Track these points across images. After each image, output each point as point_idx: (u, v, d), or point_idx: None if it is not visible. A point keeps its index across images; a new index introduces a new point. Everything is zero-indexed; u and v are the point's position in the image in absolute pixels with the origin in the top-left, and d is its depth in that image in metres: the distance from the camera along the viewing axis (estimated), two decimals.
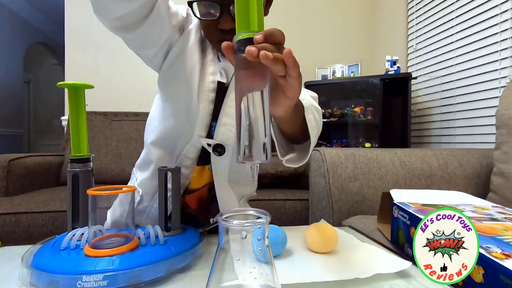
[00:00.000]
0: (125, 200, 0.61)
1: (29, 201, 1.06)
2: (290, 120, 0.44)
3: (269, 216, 0.27)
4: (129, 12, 0.44)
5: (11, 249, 0.53)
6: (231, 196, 0.62)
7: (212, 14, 0.49)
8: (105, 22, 0.46)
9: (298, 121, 0.46)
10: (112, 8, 0.42)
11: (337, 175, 1.05)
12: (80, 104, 0.49)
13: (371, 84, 1.75)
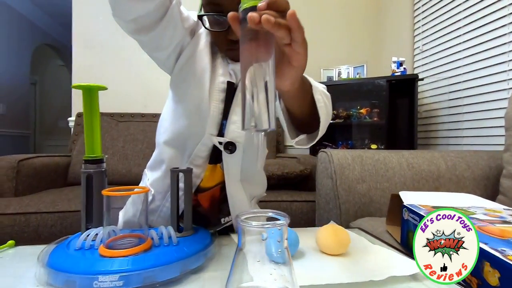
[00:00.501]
0: (138, 200, 0.62)
1: (38, 201, 1.07)
2: (297, 96, 0.43)
3: (288, 218, 0.27)
4: (144, 13, 0.45)
5: (25, 249, 0.53)
6: (242, 196, 0.63)
7: (221, 26, 0.52)
8: (122, 24, 0.48)
9: (306, 100, 0.46)
10: (129, 9, 0.44)
11: (344, 176, 1.05)
12: (94, 106, 0.50)
13: (377, 85, 1.74)
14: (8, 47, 3.49)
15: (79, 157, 1.59)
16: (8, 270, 0.46)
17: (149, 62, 0.65)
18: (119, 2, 0.44)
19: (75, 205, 1.07)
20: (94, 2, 2.07)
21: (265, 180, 0.74)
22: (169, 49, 0.54)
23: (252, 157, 0.63)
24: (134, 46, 2.00)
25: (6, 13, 3.44)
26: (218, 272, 0.45)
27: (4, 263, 0.48)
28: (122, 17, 0.46)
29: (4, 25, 3.42)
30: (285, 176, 1.32)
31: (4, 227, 0.99)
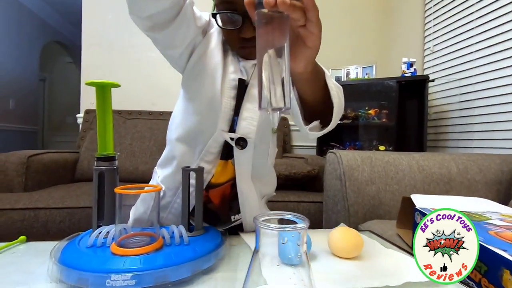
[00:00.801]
0: (148, 198, 0.62)
1: (47, 197, 1.08)
2: (311, 80, 0.44)
3: (308, 221, 0.27)
4: (160, 11, 0.46)
5: (36, 244, 0.53)
6: (253, 193, 0.63)
7: (234, 24, 0.53)
8: (138, 22, 0.49)
9: (319, 86, 0.47)
10: (145, 6, 0.45)
11: (353, 178, 1.04)
12: (107, 103, 0.50)
13: (386, 86, 1.72)
14: (18, 44, 3.54)
15: (87, 153, 1.61)
16: (20, 266, 0.46)
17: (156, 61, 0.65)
18: (136, 0, 0.45)
19: (83, 201, 1.08)
20: (104, 0, 2.08)
21: (275, 178, 0.74)
22: (182, 47, 0.55)
23: (263, 154, 0.64)
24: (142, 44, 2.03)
25: (17, 10, 3.48)
26: (229, 273, 0.44)
27: (16, 259, 0.48)
28: (138, 15, 0.47)
29: (15, 22, 3.46)
30: (293, 176, 1.31)
31: (14, 222, 1.00)
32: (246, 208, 0.63)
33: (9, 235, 0.99)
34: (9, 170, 1.17)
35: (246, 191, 0.62)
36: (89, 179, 1.55)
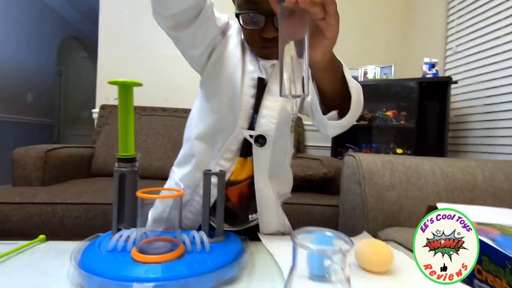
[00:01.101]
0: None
1: (64, 192, 1.09)
2: (328, 69, 0.46)
3: (352, 243, 0.24)
4: (183, 9, 0.48)
5: (56, 244, 0.53)
6: (270, 192, 0.63)
7: (256, 24, 0.55)
8: (161, 21, 0.50)
9: (337, 77, 0.48)
10: (170, 4, 0.46)
11: (373, 183, 1.00)
12: (129, 102, 0.49)
13: (406, 87, 1.66)
14: (37, 39, 3.61)
15: (103, 149, 1.62)
16: (40, 267, 0.45)
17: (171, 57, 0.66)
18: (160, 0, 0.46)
19: (99, 197, 1.08)
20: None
21: (291, 178, 0.74)
22: (202, 47, 0.56)
23: (281, 152, 0.64)
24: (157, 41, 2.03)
25: (37, 6, 3.55)
26: (252, 283, 0.42)
27: (36, 259, 0.47)
28: (162, 13, 0.48)
29: (34, 17, 3.53)
30: (308, 178, 1.28)
31: (32, 216, 1.01)
32: (263, 208, 0.63)
33: (27, 229, 1.01)
34: (27, 164, 1.18)
35: (264, 189, 0.62)
36: (104, 174, 1.56)
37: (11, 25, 3.15)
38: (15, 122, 3.33)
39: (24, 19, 3.33)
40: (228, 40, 0.60)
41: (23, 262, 0.46)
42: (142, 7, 2.08)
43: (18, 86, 3.32)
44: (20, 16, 3.26)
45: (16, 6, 3.19)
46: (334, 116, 0.51)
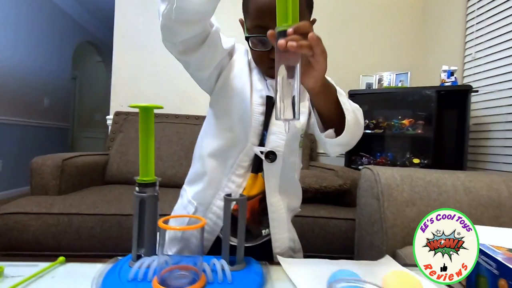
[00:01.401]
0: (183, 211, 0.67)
1: (79, 202, 1.10)
2: (322, 93, 0.51)
3: None
4: (192, 36, 0.52)
5: (75, 267, 0.52)
6: (281, 206, 0.65)
7: (265, 46, 0.59)
8: (171, 47, 0.54)
9: (330, 99, 0.53)
10: (179, 32, 0.50)
11: (392, 198, 0.97)
12: (150, 126, 0.48)
13: (424, 95, 1.62)
14: (54, 44, 3.70)
15: (117, 156, 1.64)
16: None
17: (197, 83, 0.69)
18: (170, 27, 0.49)
19: (114, 208, 1.09)
20: (135, 3, 2.12)
21: (300, 192, 0.75)
22: (210, 68, 0.60)
23: (291, 167, 0.66)
24: None
25: (54, 12, 3.64)
26: None
27: (57, 284, 0.47)
28: (171, 40, 0.52)
29: (51, 23, 3.62)
30: (323, 190, 1.26)
31: (49, 226, 1.02)
32: (275, 223, 0.64)
33: (44, 239, 1.02)
34: (45, 173, 1.20)
35: (276, 204, 0.64)
36: (118, 182, 1.57)
37: (29, 32, 3.24)
38: (32, 126, 3.41)
39: (41, 26, 3.42)
40: (236, 61, 0.64)
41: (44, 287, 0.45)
42: (156, 16, 2.10)
43: (35, 91, 3.41)
44: (37, 23, 3.35)
45: (33, 13, 3.28)
46: (331, 134, 0.55)
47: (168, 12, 0.46)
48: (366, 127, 1.87)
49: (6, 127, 3.01)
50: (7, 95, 2.99)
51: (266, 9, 0.55)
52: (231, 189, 0.62)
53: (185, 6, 0.46)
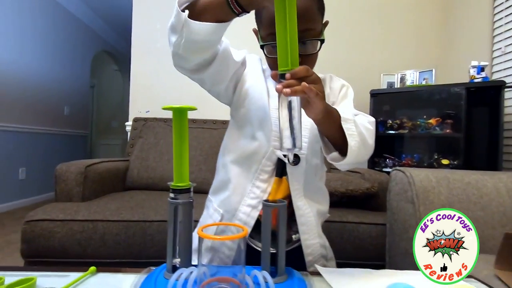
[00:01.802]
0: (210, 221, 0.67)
1: (104, 208, 1.09)
2: (324, 123, 0.53)
3: None
4: (202, 61, 0.55)
5: (107, 278, 0.50)
6: (308, 210, 0.64)
7: None
8: (182, 70, 0.57)
9: (334, 128, 0.53)
10: (189, 59, 0.54)
11: (428, 202, 0.91)
12: (184, 129, 0.46)
13: (452, 93, 1.54)
14: (73, 54, 3.81)
15: (137, 161, 1.64)
16: None
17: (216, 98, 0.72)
18: (181, 55, 0.53)
19: (137, 214, 1.08)
20: (153, 11, 2.14)
21: (327, 196, 0.74)
22: (226, 81, 0.62)
23: (315, 169, 0.66)
24: None
25: (73, 24, 3.76)
26: None
27: None
28: (183, 66, 0.56)
29: (71, 34, 3.74)
30: (349, 193, 1.21)
31: (74, 233, 1.02)
32: (304, 227, 0.63)
33: (70, 246, 1.02)
34: (69, 179, 1.21)
35: (302, 207, 0.63)
36: (139, 188, 1.57)
37: (51, 44, 3.35)
38: (54, 134, 3.51)
39: (62, 37, 3.53)
40: (250, 71, 0.67)
41: None
42: None
43: (55, 100, 3.51)
44: (59, 35, 3.46)
45: (55, 26, 3.40)
46: (335, 157, 0.55)
47: (178, 44, 0.51)
48: (390, 127, 1.80)
49: (29, 135, 3.10)
50: (31, 105, 3.09)
51: None
52: (256, 194, 0.62)
53: (194, 38, 0.49)
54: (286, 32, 0.42)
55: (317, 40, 0.61)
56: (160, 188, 1.56)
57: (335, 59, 1.99)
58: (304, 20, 0.54)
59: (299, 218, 0.63)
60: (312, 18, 0.59)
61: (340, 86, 0.71)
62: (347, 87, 0.71)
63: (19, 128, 2.96)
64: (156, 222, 1.06)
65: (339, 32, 1.98)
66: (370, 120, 0.62)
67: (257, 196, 0.62)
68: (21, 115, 2.98)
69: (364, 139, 0.55)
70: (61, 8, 3.50)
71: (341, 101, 0.69)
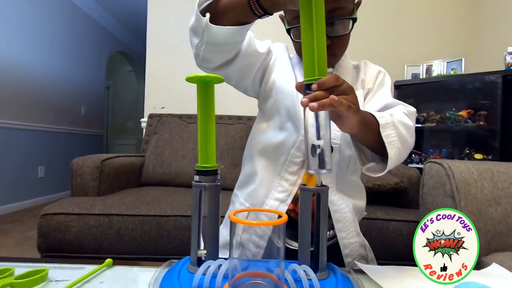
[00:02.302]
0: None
1: (119, 203, 1.06)
2: (361, 136, 0.49)
3: None
4: (225, 61, 0.54)
5: (123, 271, 0.45)
6: (343, 206, 0.59)
7: None
8: (206, 70, 0.56)
9: (371, 137, 0.49)
10: (211, 60, 0.53)
11: (470, 196, 0.82)
12: (210, 102, 0.40)
13: (486, 82, 1.43)
14: (89, 56, 3.87)
15: (152, 157, 1.61)
16: None
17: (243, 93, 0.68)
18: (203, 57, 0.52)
19: (153, 209, 1.04)
20: (168, 6, 2.12)
21: (363, 191, 0.69)
22: (252, 74, 0.61)
23: (347, 161, 0.61)
24: None
25: (89, 25, 3.82)
26: None
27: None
28: (206, 66, 0.55)
29: (88, 36, 3.79)
30: (377, 189, 1.13)
31: (90, 227, 0.99)
32: (340, 224, 0.58)
33: (86, 240, 0.99)
34: (85, 174, 1.18)
35: (336, 202, 0.58)
36: (154, 183, 1.54)
37: (66, 44, 3.40)
38: (72, 133, 3.56)
39: (77, 38, 3.59)
40: (277, 60, 0.64)
41: None
42: (188, 17, 2.09)
43: (73, 101, 3.57)
44: (73, 35, 3.52)
45: (70, 26, 3.45)
46: (373, 169, 0.51)
47: (199, 47, 0.50)
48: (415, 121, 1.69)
49: (48, 134, 3.16)
50: (51, 106, 3.14)
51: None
52: (284, 187, 0.58)
53: (215, 41, 0.48)
54: (313, 36, 0.36)
55: (348, 19, 0.55)
56: (176, 184, 1.52)
57: (356, 51, 1.90)
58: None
59: (334, 214, 0.58)
60: None
61: (377, 72, 0.65)
62: (383, 74, 0.66)
63: (39, 127, 3.02)
64: (173, 217, 1.02)
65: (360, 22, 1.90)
66: (410, 111, 0.57)
67: (286, 189, 0.58)
68: (41, 115, 3.04)
69: (405, 141, 0.51)
70: (78, 9, 3.56)
71: (378, 89, 0.63)
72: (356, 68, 0.67)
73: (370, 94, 0.63)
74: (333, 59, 0.60)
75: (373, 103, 0.59)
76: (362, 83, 0.64)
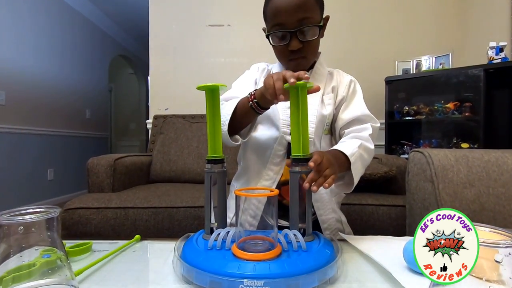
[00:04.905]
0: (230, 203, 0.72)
1: (133, 197, 1.17)
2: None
3: None
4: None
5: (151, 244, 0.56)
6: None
7: (284, 39, 0.67)
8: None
9: (343, 169, 0.60)
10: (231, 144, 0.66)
11: (447, 180, 0.92)
12: (216, 106, 0.50)
13: (470, 76, 1.53)
14: (92, 60, 3.97)
15: (159, 156, 1.71)
16: (145, 264, 0.48)
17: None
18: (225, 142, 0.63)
19: (165, 201, 1.14)
20: (169, 12, 2.22)
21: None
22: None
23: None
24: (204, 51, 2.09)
25: (88, 28, 3.92)
26: (353, 284, 0.41)
27: (139, 257, 0.50)
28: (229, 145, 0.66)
29: (90, 41, 3.89)
30: (367, 177, 1.23)
31: (108, 219, 1.10)
32: (318, 204, 0.69)
33: (105, 231, 1.09)
34: (100, 172, 1.29)
35: None
36: (162, 180, 1.65)
37: (68, 50, 3.50)
38: (77, 136, 3.68)
39: (79, 43, 3.69)
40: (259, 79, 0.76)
41: (129, 259, 0.49)
42: (189, 21, 2.19)
43: (78, 104, 3.68)
44: (75, 41, 3.62)
45: (70, 31, 3.55)
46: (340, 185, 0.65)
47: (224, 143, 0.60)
48: (406, 114, 1.79)
49: (56, 138, 3.27)
50: (57, 110, 3.25)
51: (280, 9, 0.64)
52: (269, 176, 0.70)
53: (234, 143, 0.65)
54: (299, 122, 0.48)
55: (316, 26, 0.65)
56: (183, 181, 1.63)
57: (349, 49, 2.00)
58: (303, 10, 0.62)
59: (313, 195, 0.68)
60: (309, 8, 0.64)
61: (349, 82, 0.74)
62: (354, 83, 0.75)
63: (48, 131, 3.13)
64: (183, 208, 1.13)
65: (352, 21, 1.99)
66: (375, 127, 0.69)
67: (271, 177, 0.70)
68: (49, 120, 3.15)
69: (366, 163, 0.65)
70: (77, 14, 3.66)
71: (351, 98, 0.73)
72: (330, 74, 0.76)
73: (345, 103, 0.72)
74: (304, 61, 0.69)
75: (347, 113, 0.70)
76: (333, 89, 0.73)
